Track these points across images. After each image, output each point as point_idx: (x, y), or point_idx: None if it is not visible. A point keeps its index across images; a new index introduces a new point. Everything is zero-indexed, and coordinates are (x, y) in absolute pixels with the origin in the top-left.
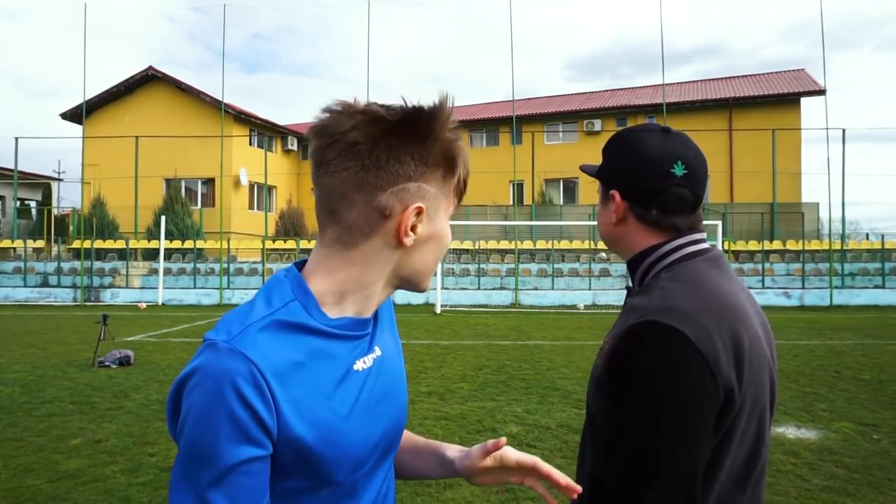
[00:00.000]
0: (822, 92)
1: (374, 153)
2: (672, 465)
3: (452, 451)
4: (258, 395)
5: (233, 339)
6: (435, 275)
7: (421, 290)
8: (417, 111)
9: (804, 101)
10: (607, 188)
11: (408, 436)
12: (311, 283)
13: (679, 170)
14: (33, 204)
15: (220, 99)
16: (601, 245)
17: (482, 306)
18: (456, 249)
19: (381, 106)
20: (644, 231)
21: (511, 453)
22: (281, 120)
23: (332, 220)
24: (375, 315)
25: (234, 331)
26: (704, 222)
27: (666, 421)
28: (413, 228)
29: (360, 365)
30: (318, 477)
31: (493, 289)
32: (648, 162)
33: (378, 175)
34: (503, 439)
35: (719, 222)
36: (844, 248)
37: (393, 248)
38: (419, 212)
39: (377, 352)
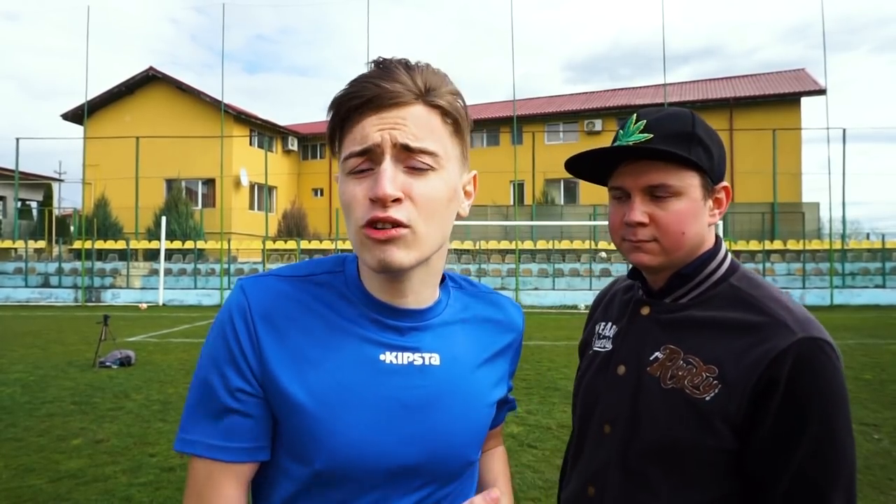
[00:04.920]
0: (822, 92)
1: None
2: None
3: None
4: (244, 326)
5: (248, 279)
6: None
7: (366, 265)
8: None
9: (804, 101)
10: (716, 181)
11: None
12: None
13: None
14: (34, 204)
15: (221, 99)
16: (602, 245)
17: None
18: (456, 250)
19: None
20: (712, 230)
21: None
22: (282, 120)
23: None
24: (456, 321)
25: (259, 275)
26: None
27: (853, 439)
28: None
29: (388, 357)
30: (298, 448)
31: (494, 289)
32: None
33: None
34: (496, 492)
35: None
36: (845, 247)
37: None
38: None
39: (431, 359)
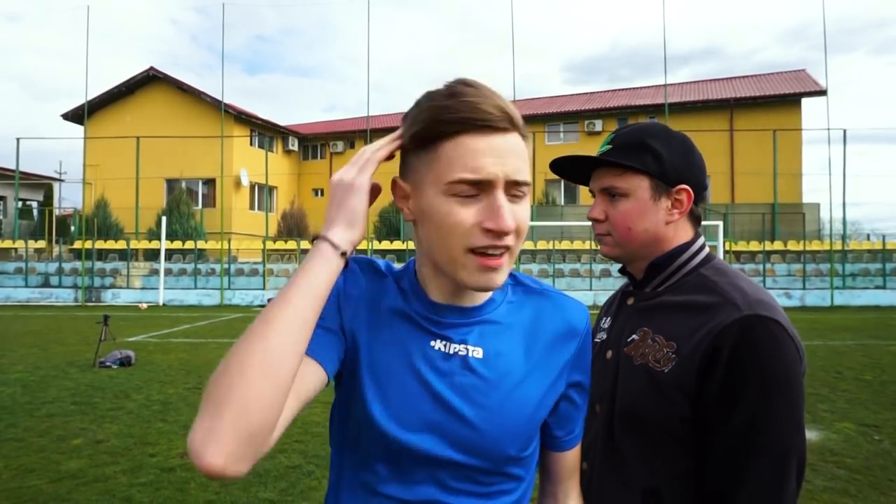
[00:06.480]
0: (822, 92)
1: None
2: (799, 462)
3: None
4: (341, 278)
5: (359, 257)
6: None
7: (459, 282)
8: None
9: (804, 101)
10: (671, 183)
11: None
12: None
13: None
14: (35, 204)
15: (221, 99)
16: None
17: None
18: None
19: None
20: (686, 227)
21: None
22: (282, 120)
23: None
24: (510, 320)
25: (365, 257)
26: (706, 223)
27: (796, 415)
28: (403, 201)
29: (437, 344)
30: (350, 401)
31: None
32: (701, 158)
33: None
34: None
35: (720, 223)
36: (845, 248)
37: (415, 228)
38: (394, 184)
39: (474, 352)
